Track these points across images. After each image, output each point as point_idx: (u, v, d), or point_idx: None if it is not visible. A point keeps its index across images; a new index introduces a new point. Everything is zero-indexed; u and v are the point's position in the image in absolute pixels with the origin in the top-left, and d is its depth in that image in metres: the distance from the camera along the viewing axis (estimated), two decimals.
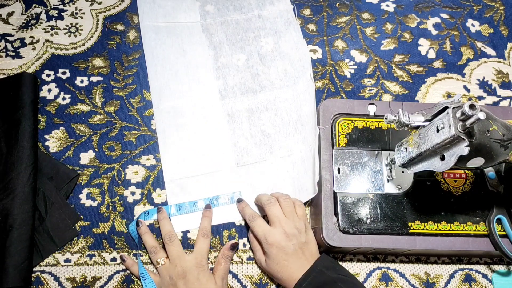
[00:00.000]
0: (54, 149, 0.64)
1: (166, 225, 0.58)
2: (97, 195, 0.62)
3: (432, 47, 0.75)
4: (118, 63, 0.70)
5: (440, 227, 0.56)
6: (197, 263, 0.55)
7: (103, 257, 0.59)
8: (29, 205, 0.57)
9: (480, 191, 0.59)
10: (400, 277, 0.60)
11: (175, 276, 0.53)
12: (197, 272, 0.54)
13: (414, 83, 0.72)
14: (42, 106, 0.66)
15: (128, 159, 0.64)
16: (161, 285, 0.55)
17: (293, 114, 0.67)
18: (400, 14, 0.78)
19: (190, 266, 0.54)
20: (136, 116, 0.67)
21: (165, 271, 0.55)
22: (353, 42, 0.75)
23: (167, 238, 0.57)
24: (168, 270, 0.55)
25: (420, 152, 0.48)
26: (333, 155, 0.59)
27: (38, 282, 0.57)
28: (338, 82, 0.71)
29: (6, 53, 0.69)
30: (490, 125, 0.45)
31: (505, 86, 0.73)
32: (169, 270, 0.54)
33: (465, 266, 0.62)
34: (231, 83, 0.69)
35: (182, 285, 0.53)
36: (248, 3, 0.75)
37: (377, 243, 0.55)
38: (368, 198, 0.57)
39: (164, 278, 0.54)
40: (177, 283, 0.53)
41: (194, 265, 0.54)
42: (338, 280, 0.51)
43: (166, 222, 0.59)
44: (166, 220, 0.59)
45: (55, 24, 0.72)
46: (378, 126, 0.61)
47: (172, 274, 0.54)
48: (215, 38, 0.72)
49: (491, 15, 0.79)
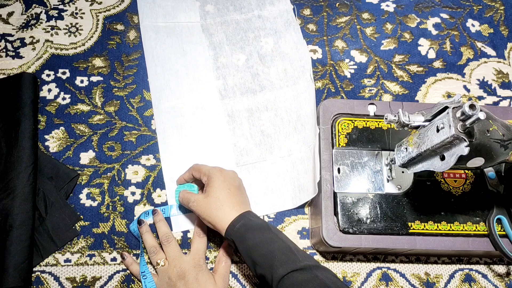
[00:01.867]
0: (54, 149, 0.64)
1: (162, 227, 0.59)
2: (97, 195, 0.62)
3: (432, 47, 0.75)
4: (118, 63, 0.70)
5: (440, 227, 0.56)
6: (194, 263, 0.55)
7: (103, 257, 0.59)
8: (29, 205, 0.57)
9: (480, 191, 0.58)
10: (400, 277, 0.60)
11: (174, 277, 0.53)
12: (195, 273, 0.54)
13: (414, 83, 0.72)
14: (42, 106, 0.66)
15: (128, 159, 0.64)
16: (160, 286, 0.55)
17: (293, 114, 0.67)
18: (400, 14, 0.78)
19: (188, 267, 0.54)
20: (136, 116, 0.67)
21: (164, 272, 0.55)
22: (353, 42, 0.75)
23: (164, 239, 0.57)
24: (167, 271, 0.55)
25: (420, 152, 0.48)
26: (333, 155, 0.59)
27: (38, 282, 0.57)
28: (338, 82, 0.71)
29: (6, 53, 0.69)
30: (490, 125, 0.44)
31: (505, 86, 0.73)
32: (167, 271, 0.54)
33: (465, 266, 0.62)
34: (231, 83, 0.69)
35: (182, 285, 0.53)
36: (248, 3, 0.75)
37: (377, 243, 0.55)
38: (368, 198, 0.57)
39: (163, 279, 0.54)
40: (176, 284, 0.53)
41: (192, 266, 0.54)
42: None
43: (162, 224, 0.59)
44: (162, 222, 0.59)
45: (55, 24, 0.72)
46: (378, 126, 0.61)
47: (171, 275, 0.54)
48: (215, 38, 0.72)
49: (491, 15, 0.79)
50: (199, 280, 0.53)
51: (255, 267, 0.49)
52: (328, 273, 0.47)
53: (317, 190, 0.58)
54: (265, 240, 0.49)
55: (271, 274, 0.47)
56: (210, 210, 0.53)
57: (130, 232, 0.60)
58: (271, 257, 0.48)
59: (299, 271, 0.46)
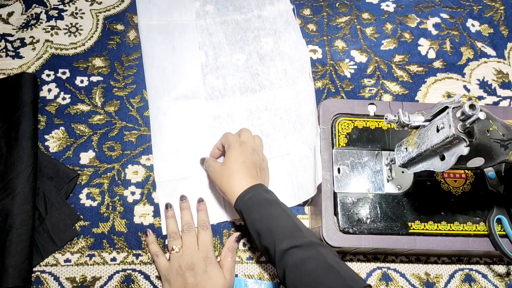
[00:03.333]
0: (54, 149, 0.64)
1: (186, 216, 0.60)
2: (97, 195, 0.62)
3: (432, 47, 0.75)
4: (118, 63, 0.70)
5: (440, 227, 0.56)
6: (204, 256, 0.55)
7: (103, 257, 0.59)
8: (29, 205, 0.57)
9: (480, 191, 0.58)
10: (400, 277, 0.60)
11: (184, 266, 0.54)
12: (204, 265, 0.54)
13: (414, 83, 0.72)
14: (42, 106, 0.66)
15: (128, 159, 0.64)
16: (168, 272, 0.55)
17: (292, 114, 0.67)
18: (400, 14, 0.78)
19: (198, 258, 0.55)
20: (136, 116, 0.67)
21: (176, 259, 0.55)
22: (353, 42, 0.75)
23: (186, 228, 0.58)
24: (179, 258, 0.55)
25: (420, 152, 0.48)
26: (333, 155, 0.59)
27: (38, 282, 0.57)
28: (338, 82, 0.71)
29: (6, 53, 0.69)
30: (490, 125, 0.44)
31: (505, 86, 0.73)
32: (179, 259, 0.55)
33: (465, 266, 0.62)
34: (230, 83, 0.69)
35: (191, 276, 0.53)
36: (248, 3, 0.75)
37: (377, 243, 0.55)
38: (368, 198, 0.57)
39: (174, 266, 0.55)
40: (185, 273, 0.53)
41: (202, 258, 0.55)
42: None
43: (187, 212, 0.60)
44: (188, 211, 0.60)
45: (55, 24, 0.72)
46: (378, 126, 0.61)
47: (181, 263, 0.54)
48: (214, 38, 0.72)
49: (491, 15, 0.79)
50: (208, 273, 0.53)
51: (260, 238, 0.50)
52: (331, 252, 0.48)
53: (316, 191, 0.58)
54: (272, 214, 0.51)
55: (274, 246, 0.48)
56: (222, 178, 0.56)
57: (130, 232, 0.60)
58: (276, 231, 0.49)
59: (303, 247, 0.47)
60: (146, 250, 0.60)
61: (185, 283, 0.53)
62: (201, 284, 0.52)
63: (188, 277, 0.53)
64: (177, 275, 0.54)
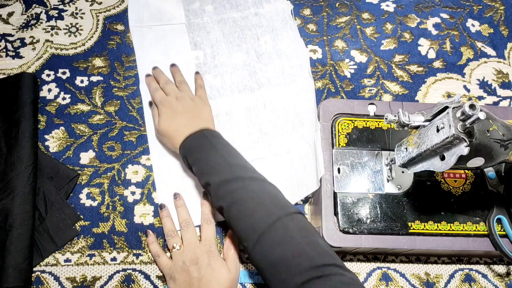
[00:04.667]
0: (54, 149, 0.64)
1: (183, 212, 0.60)
2: (97, 195, 0.62)
3: (432, 47, 0.75)
4: (118, 63, 0.70)
5: (440, 227, 0.56)
6: (207, 250, 0.55)
7: (103, 257, 0.59)
8: (29, 205, 0.57)
9: (480, 191, 0.58)
10: (400, 277, 0.60)
11: (188, 261, 0.54)
12: (208, 259, 0.54)
13: (414, 83, 0.72)
14: (42, 106, 0.66)
15: (128, 159, 0.64)
16: (173, 270, 0.55)
17: (291, 112, 0.67)
18: (400, 14, 0.78)
19: (201, 253, 0.55)
20: (136, 116, 0.67)
21: (179, 256, 0.55)
22: (353, 42, 0.75)
23: (184, 224, 0.58)
24: (181, 255, 0.55)
25: (420, 152, 0.48)
26: (333, 155, 0.59)
27: (38, 282, 0.57)
28: (338, 82, 0.71)
29: (6, 53, 0.69)
30: (490, 125, 0.45)
31: (505, 86, 0.73)
32: (182, 256, 0.55)
33: (465, 266, 0.62)
34: (228, 81, 0.69)
35: (195, 270, 0.53)
36: (245, 1, 0.75)
37: (377, 243, 0.55)
38: (368, 198, 0.57)
39: (177, 263, 0.55)
40: (189, 268, 0.53)
41: (205, 252, 0.55)
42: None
43: (183, 209, 0.60)
44: (183, 208, 0.60)
45: (55, 24, 0.72)
46: (378, 126, 0.61)
47: (185, 259, 0.55)
48: (212, 36, 0.72)
49: (491, 15, 0.79)
50: (212, 266, 0.54)
51: (200, 178, 0.55)
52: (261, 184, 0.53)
53: (318, 184, 0.58)
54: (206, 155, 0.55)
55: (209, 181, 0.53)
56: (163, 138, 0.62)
57: (130, 232, 0.60)
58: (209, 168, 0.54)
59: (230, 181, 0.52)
60: (146, 250, 0.60)
61: (190, 277, 0.53)
62: (206, 278, 0.52)
63: (192, 272, 0.53)
64: (181, 271, 0.54)
